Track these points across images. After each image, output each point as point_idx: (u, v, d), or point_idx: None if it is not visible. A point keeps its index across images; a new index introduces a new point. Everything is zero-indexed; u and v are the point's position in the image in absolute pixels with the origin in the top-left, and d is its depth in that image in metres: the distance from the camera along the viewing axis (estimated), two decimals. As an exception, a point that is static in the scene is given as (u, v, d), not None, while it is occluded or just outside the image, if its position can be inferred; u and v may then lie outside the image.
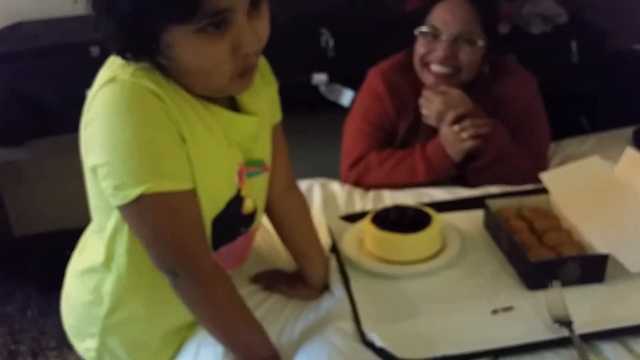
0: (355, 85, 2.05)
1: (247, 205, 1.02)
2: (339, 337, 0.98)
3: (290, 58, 1.99)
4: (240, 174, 0.98)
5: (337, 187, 1.55)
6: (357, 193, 1.53)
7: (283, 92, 2.01)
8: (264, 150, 1.05)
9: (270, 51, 2.12)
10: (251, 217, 1.04)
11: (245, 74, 0.87)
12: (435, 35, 1.50)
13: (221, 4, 0.77)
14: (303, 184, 1.54)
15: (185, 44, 0.80)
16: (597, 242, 1.13)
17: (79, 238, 1.10)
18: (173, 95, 0.86)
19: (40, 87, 1.89)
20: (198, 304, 0.91)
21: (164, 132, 0.84)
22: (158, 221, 0.86)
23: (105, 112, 0.83)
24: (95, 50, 1.86)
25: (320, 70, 2.02)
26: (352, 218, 1.36)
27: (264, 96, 1.03)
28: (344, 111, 2.02)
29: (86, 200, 0.99)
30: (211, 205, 0.94)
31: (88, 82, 1.95)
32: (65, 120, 1.87)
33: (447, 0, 1.50)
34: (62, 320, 1.11)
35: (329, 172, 1.73)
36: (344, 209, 1.46)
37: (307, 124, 2.37)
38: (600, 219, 1.20)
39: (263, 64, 1.04)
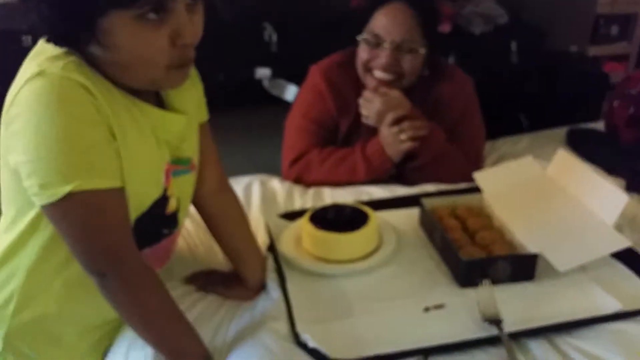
0: (298, 80, 2.04)
1: (171, 205, 1.00)
2: (272, 338, 0.97)
3: (233, 52, 1.97)
4: (167, 173, 0.96)
5: (277, 184, 1.54)
6: (297, 190, 1.52)
7: (226, 86, 2.00)
8: (191, 149, 1.03)
9: (213, 44, 2.10)
10: (174, 218, 1.02)
11: (182, 65, 0.85)
12: (377, 43, 1.51)
13: None
14: (242, 181, 1.54)
15: (123, 30, 0.78)
16: (528, 241, 1.16)
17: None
18: (103, 91, 0.83)
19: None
20: (126, 306, 0.89)
21: (94, 127, 0.81)
22: (86, 220, 0.83)
23: (32, 107, 0.79)
24: (27, 40, 1.78)
25: (263, 64, 2.00)
26: (291, 216, 1.36)
27: (191, 96, 1.02)
28: (287, 106, 2.02)
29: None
30: (136, 205, 0.92)
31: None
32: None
33: (388, 6, 1.50)
34: None
35: (272, 166, 1.72)
36: (283, 207, 1.45)
37: (251, 119, 2.35)
38: (531, 218, 1.23)
39: None
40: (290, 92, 2.06)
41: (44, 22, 0.79)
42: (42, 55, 0.83)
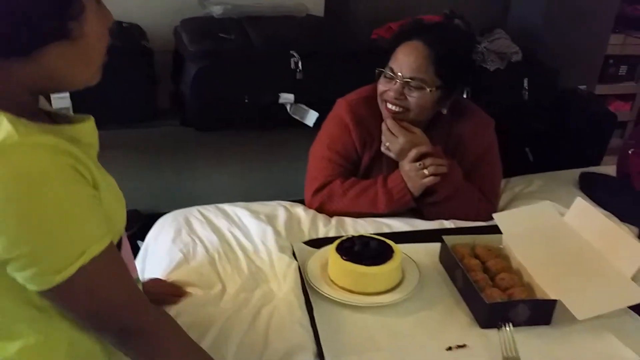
0: (317, 106, 2.10)
1: None
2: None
3: (261, 77, 2.03)
4: None
5: (301, 212, 1.59)
6: (321, 219, 1.57)
7: (252, 109, 2.05)
8: None
9: (243, 69, 2.14)
10: None
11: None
12: (391, 77, 1.56)
13: None
14: (268, 206, 1.59)
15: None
16: (546, 286, 1.21)
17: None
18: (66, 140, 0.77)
19: None
20: (154, 354, 0.88)
21: (81, 192, 0.77)
22: (101, 284, 0.81)
23: (8, 193, 0.70)
24: None
25: (288, 90, 2.05)
26: (315, 243, 1.42)
27: None
28: (307, 129, 2.08)
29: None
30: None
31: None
32: None
33: (407, 43, 1.55)
34: None
35: (292, 182, 1.77)
36: (307, 234, 1.50)
37: (273, 139, 2.42)
38: (550, 263, 1.28)
39: None
40: (311, 117, 2.11)
41: None
42: None
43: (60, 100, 1.84)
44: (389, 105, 1.57)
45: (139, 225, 2.13)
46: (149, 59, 2.03)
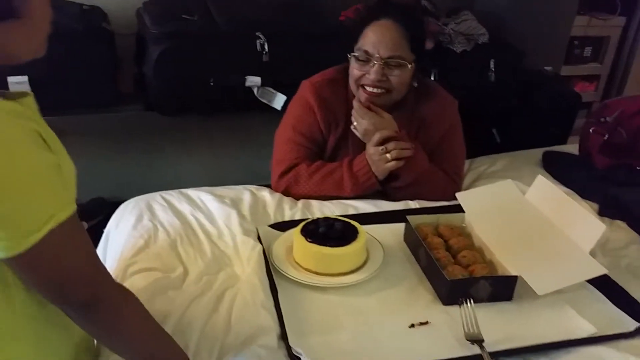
0: (285, 89, 2.08)
1: None
2: (264, 350, 1.01)
3: (226, 59, 2.00)
4: None
5: (267, 195, 1.58)
6: (287, 202, 1.56)
7: (217, 92, 2.02)
8: None
9: (208, 51, 2.11)
10: None
11: None
12: (367, 59, 1.54)
13: None
14: (233, 189, 1.58)
15: None
16: (507, 262, 1.22)
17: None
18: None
19: None
20: (116, 330, 0.88)
21: (48, 158, 0.79)
22: (66, 252, 0.81)
23: None
24: None
25: (254, 73, 2.03)
26: (281, 226, 1.41)
27: None
28: (274, 113, 2.06)
29: None
30: None
31: None
32: None
33: (376, 23, 1.53)
34: None
35: (260, 168, 1.75)
36: (273, 217, 1.49)
37: (240, 123, 2.39)
38: (511, 240, 1.29)
39: None
40: (279, 100, 2.09)
41: None
42: None
43: (18, 85, 1.80)
44: (369, 89, 1.55)
45: (105, 214, 2.09)
46: (110, 42, 1.99)
